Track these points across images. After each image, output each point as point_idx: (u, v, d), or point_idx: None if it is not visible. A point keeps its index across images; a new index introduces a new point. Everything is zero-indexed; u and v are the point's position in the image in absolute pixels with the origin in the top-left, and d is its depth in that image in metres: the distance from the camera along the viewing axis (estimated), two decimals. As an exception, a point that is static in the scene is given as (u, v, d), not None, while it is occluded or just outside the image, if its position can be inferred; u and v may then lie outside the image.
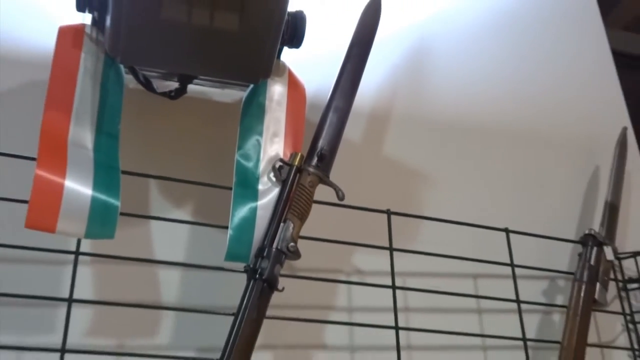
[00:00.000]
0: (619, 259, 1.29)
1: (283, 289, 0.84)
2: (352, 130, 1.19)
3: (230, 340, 0.79)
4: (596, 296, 1.12)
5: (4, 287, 0.86)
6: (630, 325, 1.25)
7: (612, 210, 1.26)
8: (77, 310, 0.87)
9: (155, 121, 1.07)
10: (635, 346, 1.23)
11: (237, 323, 0.80)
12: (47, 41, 1.01)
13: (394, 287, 1.04)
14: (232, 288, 0.88)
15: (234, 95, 1.10)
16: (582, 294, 1.11)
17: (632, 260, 1.31)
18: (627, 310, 1.26)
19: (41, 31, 1.05)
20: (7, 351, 0.86)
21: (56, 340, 0.83)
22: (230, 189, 0.89)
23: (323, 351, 1.03)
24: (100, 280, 0.95)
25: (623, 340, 1.25)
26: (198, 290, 0.99)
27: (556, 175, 1.39)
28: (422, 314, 1.10)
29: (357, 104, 1.01)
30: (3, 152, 0.89)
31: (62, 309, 0.85)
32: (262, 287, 0.82)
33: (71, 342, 0.84)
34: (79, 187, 0.78)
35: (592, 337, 1.15)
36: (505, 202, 1.30)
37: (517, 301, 1.14)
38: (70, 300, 0.85)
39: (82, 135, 0.84)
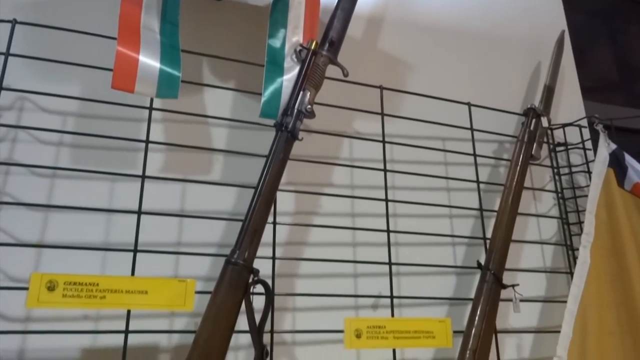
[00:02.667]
0: (551, 128, 1.27)
1: (302, 138, 0.84)
2: (355, 28, 1.16)
3: (264, 175, 0.79)
4: (533, 152, 1.10)
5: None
6: (557, 177, 1.25)
7: (549, 92, 1.23)
8: (152, 154, 0.88)
9: (206, 16, 1.04)
10: (559, 190, 1.24)
11: (268, 162, 0.80)
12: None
13: (384, 142, 1.04)
14: (264, 139, 0.87)
15: (265, 0, 1.06)
16: (522, 151, 1.09)
17: (561, 130, 1.30)
18: (555, 165, 1.26)
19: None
20: (104, 180, 0.88)
21: (138, 172, 0.85)
22: (263, 66, 0.87)
23: (330, 187, 1.03)
24: (167, 130, 0.95)
25: (550, 187, 1.25)
26: (239, 139, 0.98)
27: (509, 66, 1.35)
28: (404, 164, 1.09)
29: (358, 8, 0.97)
30: (91, 32, 0.87)
31: (141, 152, 0.86)
32: (287, 136, 0.82)
33: (148, 173, 0.85)
34: (150, 61, 0.77)
35: (527, 183, 1.15)
36: (469, 84, 1.26)
37: (474, 155, 1.14)
38: (147, 142, 0.86)
39: (150, 22, 0.82)
